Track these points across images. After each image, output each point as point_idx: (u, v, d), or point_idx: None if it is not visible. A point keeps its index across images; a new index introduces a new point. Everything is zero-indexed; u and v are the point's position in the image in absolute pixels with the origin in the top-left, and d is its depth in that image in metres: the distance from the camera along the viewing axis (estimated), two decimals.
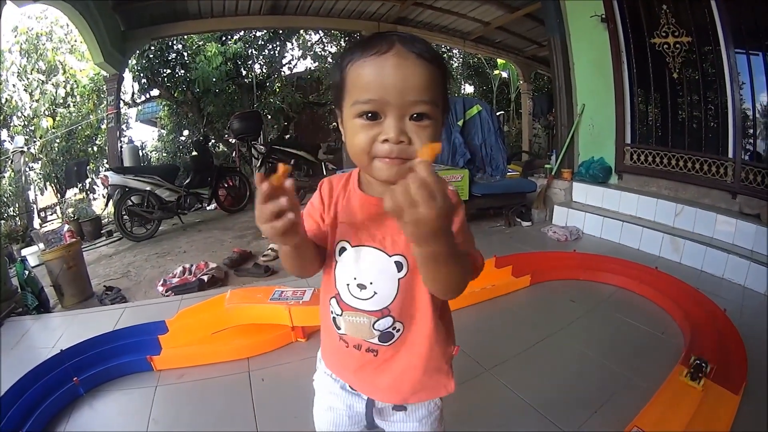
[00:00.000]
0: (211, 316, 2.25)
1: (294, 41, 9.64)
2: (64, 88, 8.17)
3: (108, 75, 6.04)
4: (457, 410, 1.62)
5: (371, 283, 0.74)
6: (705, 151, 3.51)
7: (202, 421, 1.69)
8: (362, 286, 0.75)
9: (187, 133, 9.51)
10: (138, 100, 8.79)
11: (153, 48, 7.67)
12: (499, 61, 10.19)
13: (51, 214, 7.53)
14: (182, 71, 8.24)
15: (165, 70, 8.15)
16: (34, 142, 7.90)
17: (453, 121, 4.57)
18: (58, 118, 8.15)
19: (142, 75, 7.99)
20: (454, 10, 7.15)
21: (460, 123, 4.58)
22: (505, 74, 10.91)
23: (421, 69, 0.64)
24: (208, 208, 6.45)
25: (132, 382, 1.93)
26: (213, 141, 8.64)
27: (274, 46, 9.27)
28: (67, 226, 3.45)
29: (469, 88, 12.83)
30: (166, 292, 3.10)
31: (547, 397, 1.71)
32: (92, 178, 7.93)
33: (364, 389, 0.85)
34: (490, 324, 2.34)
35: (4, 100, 7.74)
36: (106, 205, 5.70)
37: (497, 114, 6.63)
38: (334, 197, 0.79)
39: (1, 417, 1.59)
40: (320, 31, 9.56)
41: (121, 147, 6.60)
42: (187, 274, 3.33)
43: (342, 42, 9.96)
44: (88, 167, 7.85)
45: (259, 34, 8.95)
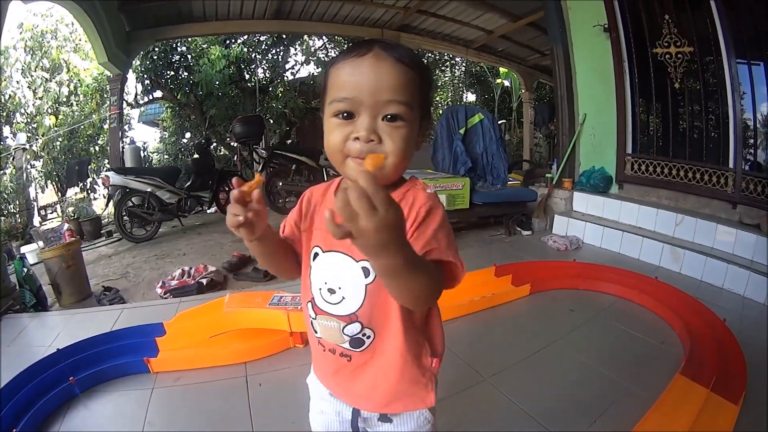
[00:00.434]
0: (210, 320, 2.24)
1: (297, 46, 9.71)
2: (68, 86, 8.21)
3: (111, 75, 6.08)
4: (456, 419, 1.61)
5: (339, 288, 0.74)
6: (706, 161, 3.52)
7: (199, 425, 1.68)
8: (332, 291, 0.75)
9: (189, 135, 9.54)
10: (141, 101, 8.84)
11: (157, 49, 7.71)
12: (502, 69, 10.23)
13: (51, 213, 7.52)
14: (185, 73, 8.27)
15: (168, 72, 8.19)
16: (37, 139, 7.94)
17: (455, 129, 4.58)
18: (60, 117, 8.20)
19: (146, 76, 8.03)
20: (457, 19, 7.19)
21: (462, 131, 4.58)
22: (507, 83, 10.94)
23: (397, 71, 0.65)
24: (209, 212, 6.44)
25: (128, 384, 1.92)
26: (215, 144, 8.63)
27: (278, 50, 9.32)
28: (66, 225, 3.45)
29: (471, 97, 12.91)
30: (165, 294, 3.09)
31: (546, 406, 1.70)
32: (93, 178, 7.93)
33: (341, 394, 0.85)
34: (490, 333, 2.33)
35: (8, 97, 7.77)
36: (107, 206, 5.70)
37: (499, 123, 6.64)
38: (312, 205, 0.81)
39: None
40: (324, 37, 9.62)
41: (123, 147, 6.62)
42: (186, 276, 3.33)
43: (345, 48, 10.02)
44: (90, 167, 7.87)
45: (262, 38, 8.99)
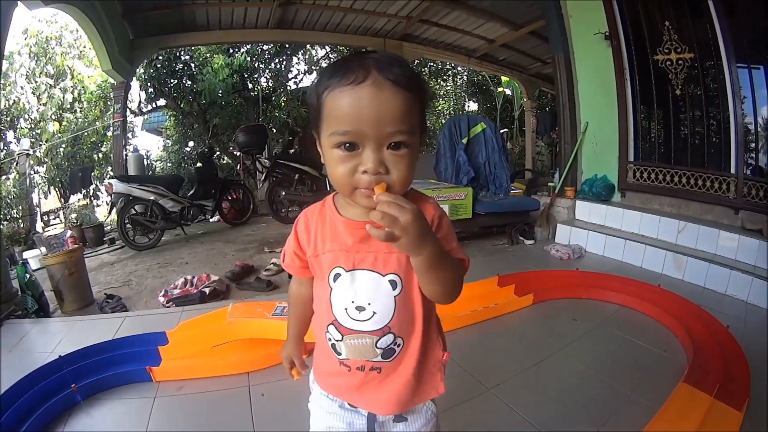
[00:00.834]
0: (212, 329, 2.23)
1: (300, 55, 9.75)
2: (72, 93, 8.24)
3: (115, 82, 6.11)
4: (459, 429, 1.60)
5: (369, 304, 0.77)
6: (707, 168, 3.52)
7: None
8: (361, 308, 0.77)
9: (192, 144, 9.58)
10: (144, 109, 8.88)
11: (160, 58, 7.77)
12: (503, 78, 10.28)
13: (54, 218, 7.54)
14: (189, 82, 8.32)
15: (172, 81, 8.24)
16: (40, 145, 7.97)
17: (457, 139, 4.58)
18: (64, 123, 8.23)
19: (149, 84, 8.08)
20: (459, 28, 7.23)
21: (465, 141, 4.58)
22: (509, 91, 10.99)
23: (398, 98, 0.66)
24: (211, 220, 6.46)
25: (130, 392, 1.91)
26: (218, 153, 8.67)
27: (281, 59, 9.35)
28: (69, 232, 3.46)
29: (473, 106, 12.96)
30: (167, 303, 3.08)
31: (549, 416, 1.69)
32: (96, 185, 7.96)
33: (366, 405, 0.85)
34: (493, 343, 2.32)
35: (12, 102, 7.81)
36: (110, 213, 5.70)
37: (501, 131, 6.65)
38: (312, 230, 0.81)
39: None
40: (326, 46, 9.65)
41: (126, 155, 6.65)
42: (189, 285, 3.32)
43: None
44: (93, 174, 7.90)
45: (265, 48, 9.04)
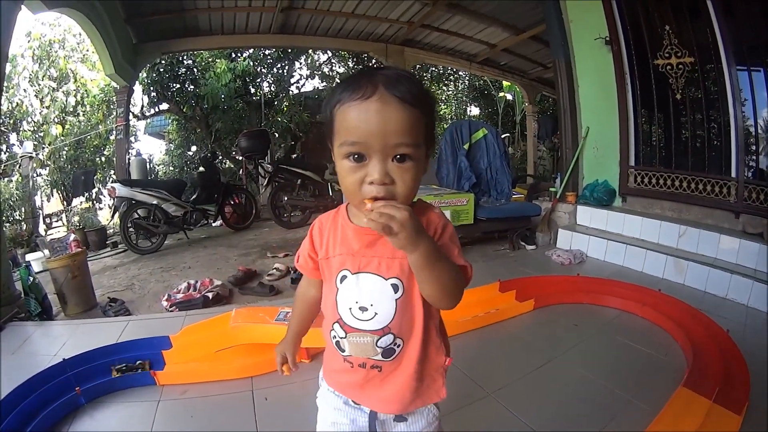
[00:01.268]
0: (216, 334, 2.24)
1: (302, 60, 9.77)
2: (75, 96, 8.30)
3: (118, 86, 6.16)
4: None
5: (371, 305, 0.82)
6: (708, 172, 3.53)
7: None
8: (364, 309, 0.83)
9: (194, 148, 9.61)
10: (147, 113, 8.92)
11: (163, 62, 7.82)
12: (505, 83, 10.30)
13: (56, 221, 7.53)
14: (191, 86, 8.37)
15: (174, 85, 8.29)
16: (43, 148, 8.01)
17: (459, 145, 4.58)
18: (67, 126, 8.28)
19: (152, 88, 8.13)
20: (460, 33, 7.28)
21: (466, 146, 4.58)
22: (510, 96, 11.00)
23: (403, 113, 0.70)
24: (214, 225, 6.47)
25: (134, 396, 1.92)
26: (220, 157, 8.70)
27: (283, 64, 9.37)
28: (73, 236, 3.46)
29: (474, 110, 12.98)
30: (171, 307, 3.08)
31: (549, 421, 1.69)
32: (99, 188, 7.99)
33: (369, 402, 0.90)
34: (494, 348, 2.32)
35: (15, 105, 7.85)
36: (112, 217, 5.72)
37: (503, 136, 6.66)
38: (325, 235, 0.88)
39: (1, 421, 1.59)
40: (329, 51, 9.72)
41: (129, 159, 6.68)
42: (192, 290, 3.32)
43: (350, 63, 10.07)
44: (96, 177, 7.92)
45: (268, 52, 9.08)
